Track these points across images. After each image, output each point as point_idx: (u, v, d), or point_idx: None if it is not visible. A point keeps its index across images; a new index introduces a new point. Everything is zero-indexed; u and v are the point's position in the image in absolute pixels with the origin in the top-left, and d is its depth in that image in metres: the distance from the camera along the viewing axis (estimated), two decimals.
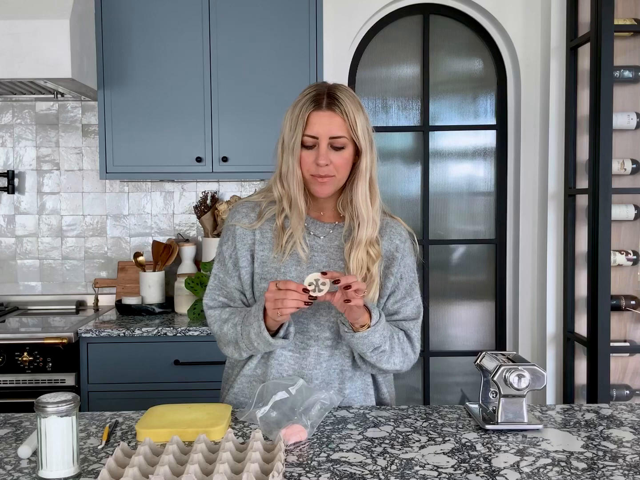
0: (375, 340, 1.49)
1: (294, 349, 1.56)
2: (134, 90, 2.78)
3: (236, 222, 1.60)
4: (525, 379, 1.39)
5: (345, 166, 1.51)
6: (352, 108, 1.48)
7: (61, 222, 3.16)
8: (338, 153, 1.49)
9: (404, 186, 3.29)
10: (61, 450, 1.16)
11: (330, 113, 1.47)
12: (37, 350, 2.49)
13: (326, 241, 1.59)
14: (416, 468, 1.21)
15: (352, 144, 1.50)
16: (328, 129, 1.47)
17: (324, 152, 1.47)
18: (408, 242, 1.63)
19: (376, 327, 1.48)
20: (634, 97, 2.81)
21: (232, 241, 1.60)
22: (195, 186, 3.17)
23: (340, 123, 1.48)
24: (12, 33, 2.43)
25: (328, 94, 1.49)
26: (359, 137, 1.49)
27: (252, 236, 1.59)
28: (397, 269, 1.59)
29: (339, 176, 1.51)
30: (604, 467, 1.22)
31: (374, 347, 1.50)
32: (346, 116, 1.47)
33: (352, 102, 1.49)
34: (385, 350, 1.52)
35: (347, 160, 1.51)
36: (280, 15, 2.77)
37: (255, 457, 1.18)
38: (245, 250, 1.59)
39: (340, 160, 1.49)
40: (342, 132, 1.48)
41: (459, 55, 3.25)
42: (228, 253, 1.61)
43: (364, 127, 1.50)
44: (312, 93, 1.50)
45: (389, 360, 1.55)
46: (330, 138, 1.47)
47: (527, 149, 3.14)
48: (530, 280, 3.17)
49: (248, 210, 1.61)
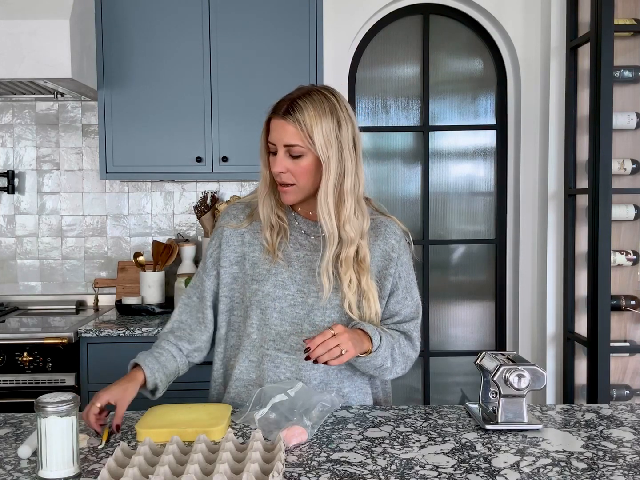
0: (377, 363, 1.52)
1: (290, 350, 1.54)
2: (134, 90, 2.78)
3: (225, 224, 1.61)
4: (525, 379, 1.39)
5: (305, 175, 1.47)
6: (311, 117, 1.43)
7: (61, 222, 3.16)
8: (295, 161, 1.46)
9: (404, 186, 3.29)
10: (61, 450, 1.16)
11: (282, 122, 1.44)
12: (37, 350, 2.49)
13: (318, 240, 1.57)
14: (416, 468, 1.21)
15: (311, 153, 1.45)
16: (280, 137, 1.45)
17: (278, 159, 1.46)
18: (403, 240, 1.63)
19: (377, 352, 1.50)
20: (634, 97, 2.81)
21: (217, 241, 1.61)
22: (195, 186, 3.17)
23: (293, 132, 1.43)
24: (12, 33, 2.43)
25: (291, 100, 1.46)
26: (316, 147, 1.43)
27: (241, 238, 1.59)
28: (394, 268, 1.59)
29: (300, 185, 1.48)
30: (604, 467, 1.21)
31: (376, 367, 1.54)
32: (301, 125, 1.42)
33: (315, 111, 1.43)
34: (388, 367, 1.55)
35: (305, 169, 1.46)
36: (280, 15, 2.77)
37: (255, 457, 1.18)
38: (230, 251, 1.58)
39: (297, 168, 1.46)
40: (295, 141, 1.44)
41: (459, 55, 3.25)
42: (210, 252, 1.62)
43: (327, 136, 1.43)
44: (281, 98, 1.49)
45: (392, 372, 1.58)
46: (285, 146, 1.45)
47: (527, 149, 3.14)
48: (530, 280, 3.17)
49: (237, 212, 1.62)
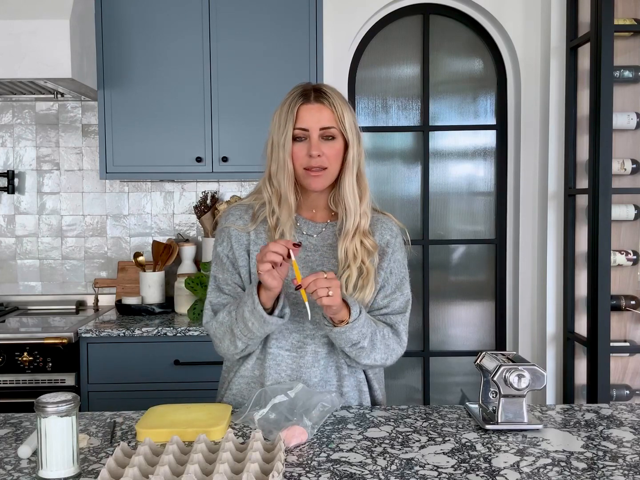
0: (353, 337, 1.49)
1: (291, 348, 1.56)
2: (134, 90, 2.78)
3: (230, 224, 1.60)
4: (525, 379, 1.39)
5: (337, 158, 1.53)
6: (339, 101, 1.53)
7: (61, 222, 3.16)
8: (329, 144, 1.52)
9: (404, 186, 3.29)
10: (61, 450, 1.16)
11: (319, 105, 1.52)
12: (37, 350, 2.49)
13: (319, 240, 1.60)
14: (416, 468, 1.21)
15: (341, 137, 1.53)
16: (318, 121, 1.51)
17: (315, 143, 1.50)
18: (399, 237, 1.65)
19: (354, 324, 1.47)
20: (634, 97, 2.81)
21: (228, 242, 1.60)
22: (195, 186, 3.17)
23: (329, 114, 1.51)
24: (12, 33, 2.43)
25: (315, 89, 1.54)
26: (346, 129, 1.52)
27: (247, 237, 1.59)
28: (387, 263, 1.61)
29: (331, 168, 1.53)
30: (604, 467, 1.21)
31: (352, 343, 1.50)
32: (334, 108, 1.51)
33: (339, 97, 1.54)
34: (364, 347, 1.52)
35: (338, 151, 1.53)
36: (280, 15, 2.77)
37: (255, 457, 1.18)
38: (242, 250, 1.59)
39: (332, 151, 1.52)
40: (331, 123, 1.51)
41: (459, 55, 3.25)
42: (225, 253, 1.60)
43: (350, 120, 1.53)
44: (298, 90, 1.55)
45: (369, 356, 1.55)
46: (321, 129, 1.51)
47: (527, 149, 3.13)
48: (530, 280, 3.17)
49: (241, 213, 1.62)
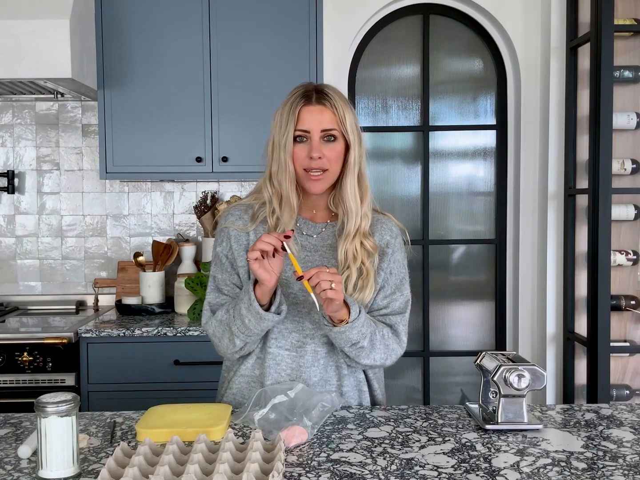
0: (352, 337, 1.48)
1: (290, 347, 1.56)
2: (134, 90, 2.78)
3: (230, 225, 1.60)
4: (525, 379, 1.39)
5: (337, 159, 1.53)
6: (340, 103, 1.52)
7: (61, 222, 3.16)
8: (330, 146, 1.51)
9: (404, 186, 3.29)
10: (61, 450, 1.16)
11: (320, 107, 1.51)
12: (37, 350, 2.49)
13: (319, 240, 1.60)
14: (416, 468, 1.21)
15: (342, 139, 1.53)
16: (319, 122, 1.50)
17: (316, 145, 1.50)
18: (399, 238, 1.65)
19: (354, 324, 1.47)
20: (634, 97, 2.81)
21: (228, 242, 1.60)
22: (195, 186, 3.17)
23: (330, 116, 1.51)
24: (12, 33, 2.43)
25: (317, 90, 1.54)
26: (348, 131, 1.52)
27: (247, 237, 1.59)
28: (387, 264, 1.60)
29: (332, 170, 1.53)
30: (604, 467, 1.21)
31: (352, 343, 1.50)
32: (336, 110, 1.51)
33: (341, 98, 1.54)
34: (364, 347, 1.52)
35: (339, 153, 1.53)
36: (280, 15, 2.77)
37: (255, 457, 1.18)
38: (242, 250, 1.59)
39: (333, 153, 1.52)
40: (332, 125, 1.51)
41: (459, 55, 3.25)
42: (224, 254, 1.61)
43: (352, 122, 1.53)
44: (300, 91, 1.54)
45: (369, 356, 1.54)
46: (322, 131, 1.50)
47: (527, 149, 3.13)
48: (530, 280, 3.17)
49: (241, 213, 1.62)
